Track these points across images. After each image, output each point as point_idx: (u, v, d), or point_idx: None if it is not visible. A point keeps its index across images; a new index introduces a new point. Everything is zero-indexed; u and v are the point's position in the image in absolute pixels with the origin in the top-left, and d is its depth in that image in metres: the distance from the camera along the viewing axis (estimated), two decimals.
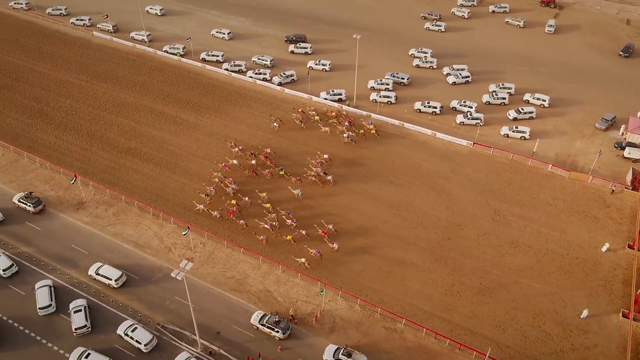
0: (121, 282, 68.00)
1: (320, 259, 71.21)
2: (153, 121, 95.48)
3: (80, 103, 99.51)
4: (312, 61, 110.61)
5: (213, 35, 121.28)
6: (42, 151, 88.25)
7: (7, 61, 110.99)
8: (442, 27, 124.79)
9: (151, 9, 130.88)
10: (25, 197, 78.41)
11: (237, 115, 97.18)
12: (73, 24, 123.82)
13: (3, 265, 69.08)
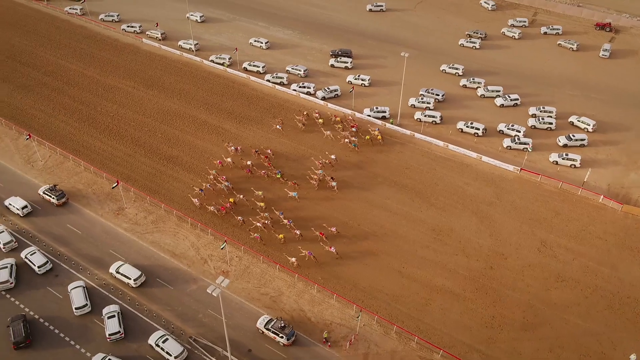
0: (140, 282, 68.64)
1: (315, 260, 71.13)
2: (196, 130, 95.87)
3: (126, 109, 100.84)
4: (352, 75, 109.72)
5: (251, 44, 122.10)
6: (87, 155, 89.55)
7: (60, 65, 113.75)
8: (476, 44, 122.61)
9: (192, 16, 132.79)
10: (50, 189, 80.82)
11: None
12: (124, 31, 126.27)
13: (38, 262, 70.15)
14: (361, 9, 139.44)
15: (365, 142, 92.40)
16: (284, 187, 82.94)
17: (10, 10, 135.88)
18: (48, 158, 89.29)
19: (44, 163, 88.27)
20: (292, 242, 74.84)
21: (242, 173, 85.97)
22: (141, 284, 68.66)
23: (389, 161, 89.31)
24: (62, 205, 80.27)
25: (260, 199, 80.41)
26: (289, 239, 75.17)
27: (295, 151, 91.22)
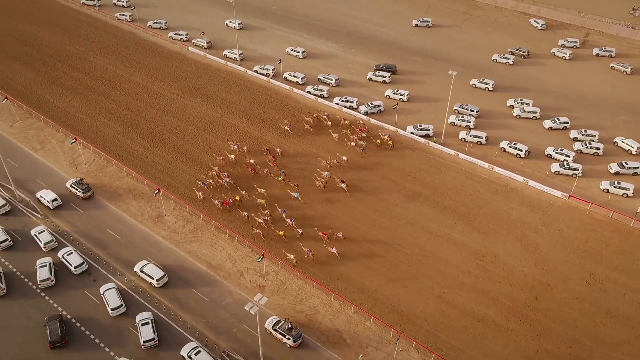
0: (162, 282, 69.52)
1: (313, 258, 72.58)
2: (237, 140, 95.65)
3: (170, 116, 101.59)
4: (390, 90, 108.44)
5: (287, 53, 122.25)
6: (130, 160, 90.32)
7: (108, 69, 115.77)
8: (509, 60, 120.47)
9: (230, 23, 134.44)
10: (77, 183, 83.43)
11: (321, 142, 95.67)
12: (171, 38, 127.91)
13: (74, 262, 71.16)
14: (407, 24, 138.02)
15: (375, 147, 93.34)
16: (287, 187, 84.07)
17: (63, 15, 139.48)
18: (92, 161, 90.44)
19: (87, 166, 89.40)
20: (293, 241, 75.61)
21: (246, 171, 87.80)
22: (179, 299, 68.38)
23: (428, 182, 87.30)
24: (87, 199, 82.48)
25: (261, 197, 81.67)
26: (290, 237, 75.87)
27: (302, 152, 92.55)
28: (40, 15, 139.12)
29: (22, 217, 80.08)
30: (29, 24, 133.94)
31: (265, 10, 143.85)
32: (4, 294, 68.80)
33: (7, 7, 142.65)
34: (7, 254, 74.18)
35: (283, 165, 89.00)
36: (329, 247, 73.86)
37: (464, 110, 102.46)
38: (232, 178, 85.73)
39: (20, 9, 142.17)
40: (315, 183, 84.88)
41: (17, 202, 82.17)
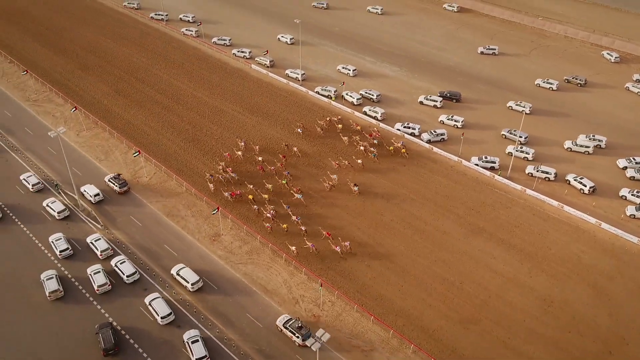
0: (197, 287, 70.57)
1: (315, 252, 75.20)
2: (297, 162, 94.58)
3: (230, 133, 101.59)
4: (445, 115, 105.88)
5: (338, 71, 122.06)
6: (190, 176, 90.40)
7: (172, 83, 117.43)
8: (553, 85, 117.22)
9: (282, 37, 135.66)
10: (114, 177, 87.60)
11: (381, 168, 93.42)
12: (235, 55, 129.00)
13: (127, 271, 71.55)
14: (472, 50, 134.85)
15: (388, 153, 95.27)
16: (290, 189, 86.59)
17: (132, 28, 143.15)
18: (153, 175, 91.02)
19: (148, 179, 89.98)
20: (297, 236, 78.05)
21: (253, 167, 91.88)
22: (232, 322, 67.18)
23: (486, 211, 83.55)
24: (124, 194, 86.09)
25: (267, 192, 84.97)
26: (294, 233, 78.43)
27: (312, 154, 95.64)
28: (110, 27, 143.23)
29: (78, 222, 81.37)
30: (99, 35, 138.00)
31: (327, 31, 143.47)
32: (61, 296, 69.71)
33: (79, 19, 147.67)
34: (63, 261, 75.02)
35: (292, 165, 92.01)
36: (334, 245, 75.55)
37: (512, 136, 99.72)
38: (242, 174, 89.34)
39: (92, 20, 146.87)
40: (323, 185, 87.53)
41: (79, 210, 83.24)
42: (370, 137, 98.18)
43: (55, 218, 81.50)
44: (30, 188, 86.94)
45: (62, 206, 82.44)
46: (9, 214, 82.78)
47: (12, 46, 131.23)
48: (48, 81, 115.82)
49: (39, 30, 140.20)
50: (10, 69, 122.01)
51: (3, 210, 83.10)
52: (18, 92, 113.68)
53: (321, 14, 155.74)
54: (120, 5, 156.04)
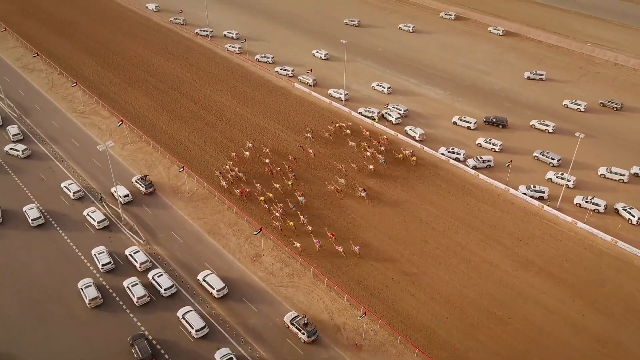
0: (222, 294, 71.56)
1: (319, 249, 78.21)
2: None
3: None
4: (482, 138, 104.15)
5: (373, 88, 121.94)
6: (232, 194, 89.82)
7: (216, 99, 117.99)
8: (581, 106, 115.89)
9: (317, 52, 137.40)
10: (141, 179, 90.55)
11: (424, 192, 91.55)
12: (277, 73, 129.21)
13: (165, 284, 71.73)
14: (519, 75, 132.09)
15: (397, 160, 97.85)
16: (294, 192, 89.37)
17: (177, 43, 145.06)
18: (195, 191, 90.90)
19: (190, 196, 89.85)
20: (304, 235, 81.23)
21: (260, 168, 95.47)
22: (273, 347, 66.00)
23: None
24: (149, 195, 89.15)
25: (273, 192, 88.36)
26: (301, 233, 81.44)
27: (319, 157, 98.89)
28: (156, 41, 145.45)
29: (117, 232, 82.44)
30: (145, 49, 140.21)
31: (371, 50, 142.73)
32: (101, 303, 70.24)
33: (127, 33, 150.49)
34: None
35: (303, 169, 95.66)
36: (337, 245, 78.19)
37: (544, 158, 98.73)
38: (250, 174, 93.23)
39: (139, 35, 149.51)
40: (329, 188, 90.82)
41: (121, 224, 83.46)
42: (377, 143, 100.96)
43: (95, 227, 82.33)
44: (72, 196, 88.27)
45: (102, 216, 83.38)
46: (50, 221, 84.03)
47: (62, 58, 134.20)
48: (95, 93, 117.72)
49: (88, 43, 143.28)
50: (59, 80, 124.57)
51: (45, 216, 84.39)
52: (66, 104, 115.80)
53: (355, 31, 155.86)
54: (167, 21, 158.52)
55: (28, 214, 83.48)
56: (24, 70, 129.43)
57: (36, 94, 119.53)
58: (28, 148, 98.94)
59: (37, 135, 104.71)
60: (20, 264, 76.55)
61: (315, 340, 66.06)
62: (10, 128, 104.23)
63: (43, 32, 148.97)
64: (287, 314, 68.33)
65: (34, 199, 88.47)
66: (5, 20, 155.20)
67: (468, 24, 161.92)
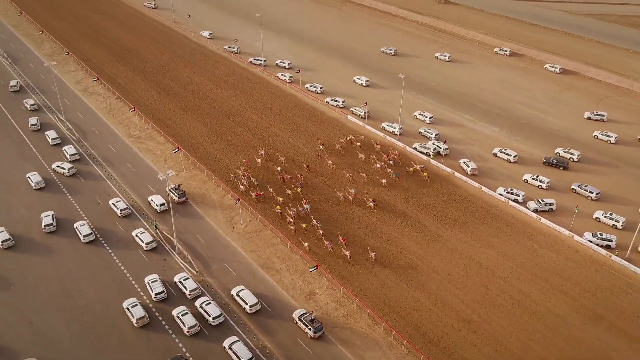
0: (255, 309, 72.39)
1: (332, 251, 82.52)
2: (394, 221, 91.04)
3: (327, 185, 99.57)
4: (529, 174, 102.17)
5: (415, 117, 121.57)
6: (285, 228, 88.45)
7: (269, 129, 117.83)
8: (611, 138, 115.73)
9: (358, 79, 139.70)
10: (174, 188, 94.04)
11: (484, 236, 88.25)
12: (328, 103, 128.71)
13: (213, 313, 70.85)
14: (578, 115, 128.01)
15: (407, 174, 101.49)
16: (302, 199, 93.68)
17: (231, 71, 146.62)
18: (248, 222, 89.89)
19: (244, 227, 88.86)
20: (315, 237, 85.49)
21: (272, 174, 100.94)
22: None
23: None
24: (182, 204, 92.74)
25: (284, 196, 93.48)
26: (313, 235, 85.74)
27: (330, 169, 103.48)
28: (211, 69, 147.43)
29: (162, 253, 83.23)
30: (200, 76, 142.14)
31: (424, 85, 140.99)
32: (147, 322, 70.67)
33: (182, 59, 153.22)
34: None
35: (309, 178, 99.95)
36: (344, 249, 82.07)
37: (582, 191, 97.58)
38: (261, 180, 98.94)
39: (194, 62, 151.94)
40: (337, 195, 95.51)
41: (175, 253, 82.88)
42: (387, 157, 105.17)
43: (143, 248, 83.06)
44: (119, 213, 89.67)
45: (151, 237, 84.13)
46: (100, 240, 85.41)
47: (119, 82, 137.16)
48: (151, 119, 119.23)
49: (144, 68, 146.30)
50: (116, 104, 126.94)
51: (95, 233, 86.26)
52: (123, 128, 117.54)
53: (393, 60, 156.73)
54: (221, 49, 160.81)
55: (79, 230, 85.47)
56: (83, 93, 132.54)
57: (94, 117, 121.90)
58: (74, 167, 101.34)
59: (94, 157, 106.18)
60: (71, 279, 78.25)
61: (321, 337, 69.28)
62: (67, 148, 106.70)
63: (102, 57, 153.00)
64: (296, 311, 71.93)
65: (84, 215, 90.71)
66: (67, 43, 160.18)
67: (523, 61, 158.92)
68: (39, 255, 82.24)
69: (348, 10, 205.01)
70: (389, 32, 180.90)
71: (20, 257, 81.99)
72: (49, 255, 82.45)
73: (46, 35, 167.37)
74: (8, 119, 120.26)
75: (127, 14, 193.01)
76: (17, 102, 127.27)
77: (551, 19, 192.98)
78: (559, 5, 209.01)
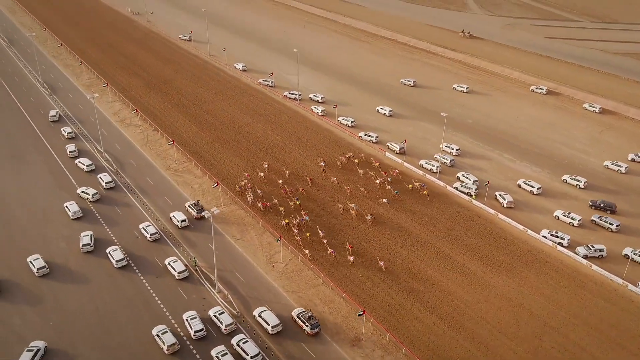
0: (276, 330, 73.22)
1: (334, 258, 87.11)
2: (437, 263, 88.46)
3: (370, 226, 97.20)
4: (560, 211, 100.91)
5: (441, 149, 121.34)
6: (327, 269, 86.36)
7: (306, 164, 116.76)
8: (622, 168, 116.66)
9: (381, 109, 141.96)
10: (193, 204, 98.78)
11: (532, 281, 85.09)
12: (361, 138, 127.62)
13: (251, 351, 69.48)
14: (621, 156, 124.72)
15: (407, 190, 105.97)
16: (304, 208, 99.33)
17: (267, 105, 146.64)
18: (288, 262, 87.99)
19: (284, 266, 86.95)
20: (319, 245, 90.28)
21: (279, 191, 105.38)
22: None
23: None
24: (200, 219, 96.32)
25: (285, 207, 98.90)
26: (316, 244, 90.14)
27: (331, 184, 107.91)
28: (246, 102, 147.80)
29: (196, 284, 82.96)
30: (236, 110, 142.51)
31: (460, 122, 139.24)
32: (178, 349, 70.75)
33: (218, 92, 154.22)
34: None
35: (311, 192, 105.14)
36: (349, 255, 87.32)
37: (602, 223, 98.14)
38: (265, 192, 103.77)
39: (230, 95, 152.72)
40: (339, 209, 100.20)
41: (215, 292, 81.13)
42: (385, 174, 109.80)
43: (175, 277, 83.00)
44: (148, 237, 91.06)
45: (183, 267, 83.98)
46: (131, 265, 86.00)
47: (156, 114, 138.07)
48: (188, 152, 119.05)
49: (181, 100, 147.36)
50: (154, 136, 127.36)
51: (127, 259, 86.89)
52: (160, 160, 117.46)
53: (412, 92, 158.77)
54: (256, 82, 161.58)
55: (112, 255, 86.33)
56: (121, 124, 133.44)
57: (132, 149, 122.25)
58: (97, 192, 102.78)
59: (131, 188, 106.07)
60: (103, 304, 78.82)
61: (318, 334, 73.30)
62: (103, 176, 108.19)
63: (139, 87, 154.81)
64: (294, 309, 76.10)
65: (116, 240, 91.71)
66: (104, 74, 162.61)
67: (561, 100, 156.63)
68: (74, 283, 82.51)
69: (379, 45, 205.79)
70: (419, 66, 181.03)
71: (56, 285, 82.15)
72: (84, 283, 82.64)
73: (85, 65, 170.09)
74: (47, 148, 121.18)
75: (162, 45, 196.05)
76: (55, 131, 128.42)
77: (586, 57, 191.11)
78: (593, 44, 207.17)
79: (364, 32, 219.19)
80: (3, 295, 79.55)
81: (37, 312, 76.90)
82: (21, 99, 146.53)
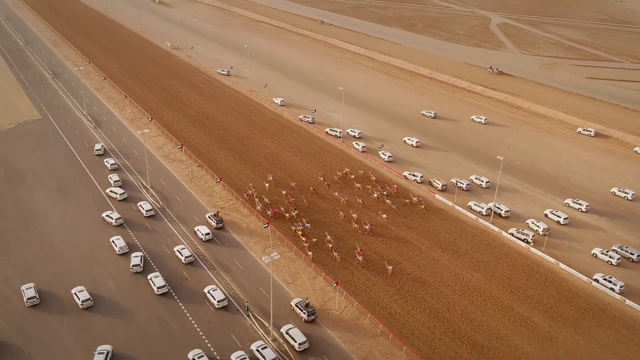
0: (303, 347, 74.89)
1: (339, 262, 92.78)
2: (500, 316, 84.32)
3: (422, 270, 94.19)
4: (599, 249, 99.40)
5: (471, 181, 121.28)
6: (384, 316, 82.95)
7: (353, 204, 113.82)
8: (628, 195, 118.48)
9: (408, 140, 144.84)
10: (213, 215, 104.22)
11: (602, 337, 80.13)
12: (406, 177, 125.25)
13: None
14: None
15: (405, 205, 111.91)
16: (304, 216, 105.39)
17: (309, 142, 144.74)
18: (343, 309, 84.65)
19: (339, 314, 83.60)
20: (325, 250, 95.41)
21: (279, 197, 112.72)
22: None
23: None
24: (220, 229, 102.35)
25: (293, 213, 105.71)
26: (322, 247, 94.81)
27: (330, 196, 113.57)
28: (288, 138, 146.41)
29: (234, 313, 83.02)
30: (279, 147, 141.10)
31: (509, 164, 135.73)
32: None
33: (260, 128, 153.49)
34: None
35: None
36: (359, 255, 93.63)
37: (623, 252, 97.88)
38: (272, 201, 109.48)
39: (271, 130, 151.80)
40: (338, 218, 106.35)
41: (269, 339, 78.04)
42: (381, 189, 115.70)
43: (215, 305, 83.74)
44: (183, 260, 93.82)
45: (223, 296, 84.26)
46: (171, 292, 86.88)
47: (200, 150, 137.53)
48: (234, 189, 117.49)
49: (223, 136, 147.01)
50: (198, 172, 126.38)
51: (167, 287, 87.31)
52: (206, 197, 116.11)
53: (434, 123, 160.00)
54: (297, 118, 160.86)
55: (153, 282, 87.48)
56: (165, 159, 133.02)
57: (177, 185, 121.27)
58: (121, 217, 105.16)
59: (181, 231, 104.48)
60: (144, 332, 79.75)
61: (314, 321, 79.69)
62: (143, 204, 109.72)
63: (181, 122, 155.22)
64: (293, 299, 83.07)
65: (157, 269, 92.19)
66: (147, 108, 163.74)
67: (610, 142, 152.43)
68: (117, 318, 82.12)
69: (418, 82, 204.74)
70: (460, 105, 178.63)
71: (99, 319, 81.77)
72: (128, 318, 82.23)
73: (128, 99, 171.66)
74: (92, 181, 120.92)
75: (202, 80, 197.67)
76: (101, 165, 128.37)
77: (630, 98, 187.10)
78: (636, 85, 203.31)
79: (401, 70, 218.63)
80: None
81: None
82: (66, 133, 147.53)
